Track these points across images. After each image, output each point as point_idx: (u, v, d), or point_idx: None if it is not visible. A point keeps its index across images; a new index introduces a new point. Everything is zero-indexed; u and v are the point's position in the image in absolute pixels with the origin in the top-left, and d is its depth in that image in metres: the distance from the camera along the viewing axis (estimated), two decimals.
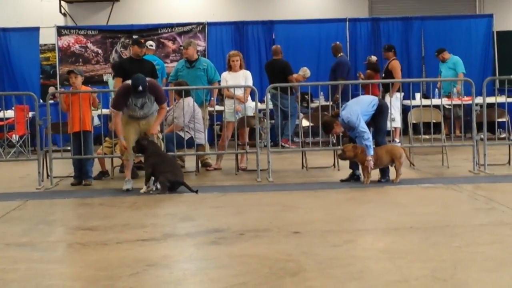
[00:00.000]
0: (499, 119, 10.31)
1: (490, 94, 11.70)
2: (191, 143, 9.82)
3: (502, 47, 15.78)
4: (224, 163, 10.58)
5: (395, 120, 12.14)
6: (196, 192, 8.17)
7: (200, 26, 15.63)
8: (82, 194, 8.56)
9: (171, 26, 15.71)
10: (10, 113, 12.45)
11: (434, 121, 10.57)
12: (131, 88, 8.28)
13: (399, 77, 12.91)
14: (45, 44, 16.13)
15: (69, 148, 9.62)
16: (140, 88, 8.23)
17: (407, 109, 11.39)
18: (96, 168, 9.75)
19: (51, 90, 13.21)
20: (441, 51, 14.31)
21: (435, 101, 11.72)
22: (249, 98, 10.64)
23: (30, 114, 12.41)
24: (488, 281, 4.44)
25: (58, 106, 10.93)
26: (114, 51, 15.69)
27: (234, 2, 17.46)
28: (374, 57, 14.71)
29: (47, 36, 15.75)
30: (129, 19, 16.53)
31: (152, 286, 4.61)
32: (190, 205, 7.58)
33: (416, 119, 10.47)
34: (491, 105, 10.62)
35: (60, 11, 17.07)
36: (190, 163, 10.64)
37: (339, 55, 13.59)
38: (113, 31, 15.82)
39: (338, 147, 9.51)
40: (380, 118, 8.74)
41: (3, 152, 12.40)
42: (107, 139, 9.86)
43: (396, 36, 15.57)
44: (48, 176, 9.42)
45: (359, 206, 7.36)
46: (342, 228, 6.20)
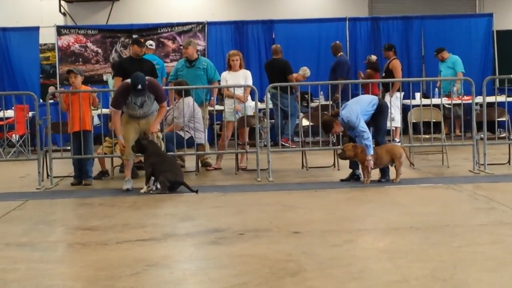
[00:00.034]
0: (499, 119, 10.31)
1: (490, 93, 11.70)
2: (191, 142, 9.82)
3: (502, 46, 15.76)
4: (224, 163, 10.57)
5: (395, 120, 12.14)
6: (196, 192, 8.17)
7: (200, 26, 15.62)
8: (82, 194, 8.56)
9: (171, 25, 15.69)
10: (10, 112, 12.46)
11: (434, 120, 10.57)
12: (131, 86, 8.28)
13: (400, 76, 12.89)
14: (45, 44, 16.12)
15: (69, 148, 9.62)
16: (139, 87, 8.22)
17: (407, 108, 11.38)
18: (96, 168, 9.74)
19: (51, 89, 13.19)
20: (440, 51, 14.29)
21: (435, 100, 11.72)
22: (249, 98, 10.63)
23: (30, 114, 12.40)
24: (488, 281, 4.45)
25: (58, 106, 10.93)
26: (114, 51, 15.67)
27: (234, 1, 17.46)
28: (374, 56, 14.71)
29: (47, 36, 15.74)
30: (129, 19, 16.53)
31: (152, 286, 4.61)
32: (190, 205, 7.58)
33: (416, 119, 10.46)
34: (491, 104, 10.63)
35: (60, 11, 17.07)
36: (190, 162, 10.64)
37: (339, 54, 13.58)
38: (113, 30, 15.81)
39: (338, 147, 9.51)
40: (380, 118, 8.73)
41: (3, 152, 12.39)
42: (107, 138, 9.86)
43: (396, 35, 15.55)
44: (48, 176, 9.42)
45: (359, 206, 7.36)
46: (342, 228, 6.20)
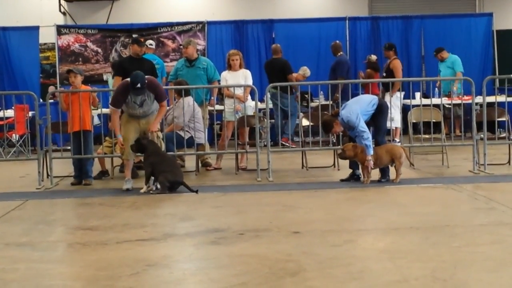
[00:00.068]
0: (499, 119, 10.30)
1: (490, 93, 11.70)
2: (191, 142, 9.82)
3: (502, 46, 15.76)
4: (224, 163, 10.57)
5: (395, 120, 12.12)
6: (196, 192, 8.17)
7: (200, 25, 15.62)
8: (82, 194, 8.56)
9: (171, 25, 15.69)
10: (10, 112, 12.46)
11: (434, 120, 10.57)
12: (130, 85, 8.30)
13: (400, 76, 12.87)
14: (45, 43, 16.12)
15: (69, 147, 9.61)
16: (138, 85, 8.23)
17: (407, 108, 11.38)
18: (96, 168, 9.74)
19: (51, 89, 13.19)
20: (439, 51, 14.27)
21: (435, 100, 11.71)
22: (249, 98, 10.63)
23: (30, 114, 12.40)
24: (488, 281, 4.45)
25: (58, 106, 10.92)
26: (114, 50, 15.67)
27: (233, 1, 17.45)
28: (374, 56, 14.70)
29: (47, 35, 15.74)
30: (128, 18, 16.52)
31: (152, 286, 4.61)
32: (190, 205, 7.58)
33: (416, 119, 10.46)
34: (491, 104, 10.62)
35: (59, 10, 17.06)
36: (190, 162, 10.64)
37: (338, 54, 13.57)
38: (112, 30, 15.80)
39: (338, 147, 9.51)
40: (380, 118, 8.73)
41: (3, 151, 12.38)
42: (107, 138, 9.85)
43: (396, 35, 15.54)
44: (48, 175, 9.42)
45: (359, 206, 7.36)
46: (342, 228, 6.20)
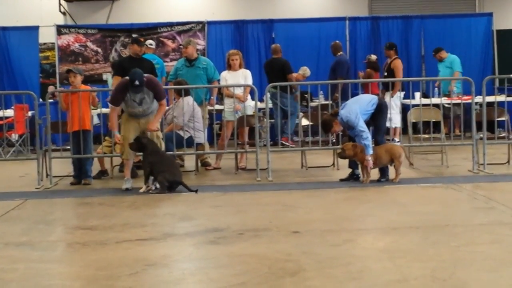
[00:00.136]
0: (499, 118, 10.30)
1: (490, 93, 11.71)
2: (190, 142, 9.82)
3: (502, 45, 15.77)
4: (223, 163, 10.57)
5: (394, 120, 12.11)
6: (195, 191, 8.17)
7: (200, 25, 15.62)
8: (82, 194, 8.56)
9: (171, 25, 15.69)
10: (9, 112, 12.45)
11: (433, 120, 10.57)
12: (129, 82, 8.31)
13: (400, 76, 12.87)
14: (44, 43, 16.12)
15: (68, 147, 9.62)
16: (136, 82, 8.24)
17: (406, 108, 11.38)
18: (95, 168, 9.74)
19: (51, 89, 13.20)
20: (438, 51, 14.26)
21: (435, 100, 11.71)
22: (248, 97, 10.63)
23: (30, 113, 12.39)
24: (488, 280, 4.44)
25: (57, 105, 10.92)
26: (113, 50, 15.67)
27: (233, 1, 17.43)
28: (373, 56, 14.70)
29: (47, 35, 15.74)
30: (128, 18, 16.51)
31: (151, 286, 4.61)
32: (190, 204, 7.58)
33: (416, 118, 10.45)
34: (490, 104, 10.62)
35: (59, 10, 17.04)
36: (190, 162, 10.63)
37: (338, 54, 13.57)
38: (112, 30, 15.80)
39: (338, 146, 9.50)
40: (379, 117, 8.73)
41: (2, 151, 12.37)
42: (107, 138, 9.84)
43: (395, 35, 15.54)
44: (47, 175, 9.41)
45: (358, 205, 7.35)
46: (342, 227, 6.19)
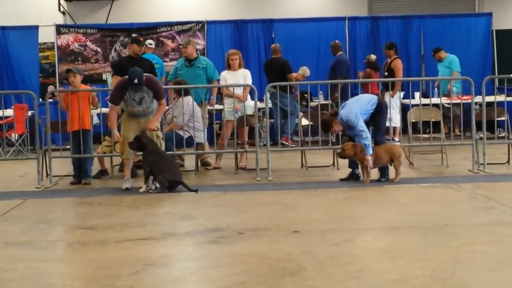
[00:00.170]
0: (499, 118, 10.30)
1: (490, 93, 11.71)
2: (190, 142, 9.82)
3: (502, 45, 15.77)
4: (223, 162, 10.57)
5: (393, 120, 12.11)
6: (195, 191, 8.17)
7: (200, 25, 15.62)
8: (82, 193, 8.56)
9: (170, 24, 15.69)
10: (9, 112, 12.44)
11: (433, 120, 10.57)
12: (128, 81, 8.32)
13: (401, 76, 12.87)
14: (44, 43, 16.12)
15: (68, 147, 9.61)
16: (135, 81, 8.25)
17: (406, 108, 11.38)
18: (95, 167, 9.74)
19: (50, 88, 13.19)
20: (437, 51, 14.25)
21: (435, 100, 11.71)
22: (248, 97, 10.63)
23: (29, 113, 12.39)
24: (488, 280, 4.45)
25: (57, 105, 10.91)
26: (113, 50, 15.67)
27: (233, 1, 17.44)
28: (373, 55, 14.70)
29: (46, 35, 15.74)
30: (128, 18, 16.51)
31: (151, 285, 4.61)
32: (190, 204, 7.58)
33: (416, 118, 10.46)
34: (490, 104, 10.62)
35: (59, 10, 17.05)
36: (190, 162, 10.63)
37: (338, 53, 13.56)
38: (112, 29, 15.80)
39: (338, 146, 9.50)
40: (379, 117, 8.73)
41: (2, 151, 12.36)
42: (107, 138, 9.84)
43: (395, 34, 15.54)
44: (47, 175, 9.41)
45: (358, 205, 7.35)
46: (342, 227, 6.20)
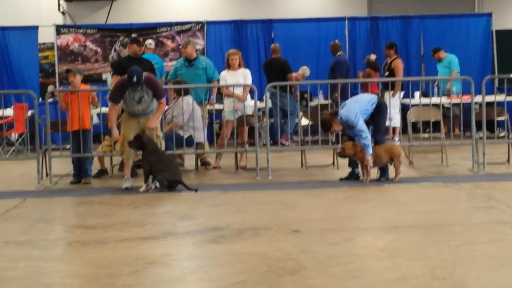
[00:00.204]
0: (498, 118, 10.31)
1: (489, 92, 11.71)
2: (190, 141, 9.82)
3: (501, 45, 15.78)
4: (223, 162, 10.57)
5: (393, 120, 12.12)
6: (195, 190, 8.17)
7: (199, 25, 15.62)
8: (82, 193, 8.56)
9: (170, 24, 15.70)
10: (9, 111, 12.45)
11: (433, 119, 10.57)
12: (127, 79, 8.33)
13: (401, 76, 12.86)
14: (44, 43, 16.12)
15: (68, 146, 9.62)
16: (134, 79, 8.25)
17: (406, 108, 11.38)
18: (95, 167, 9.74)
19: (50, 88, 13.20)
20: (436, 51, 14.24)
21: (435, 100, 11.71)
22: (248, 97, 10.63)
23: (29, 113, 12.40)
24: (488, 279, 4.45)
25: (57, 105, 10.92)
26: (113, 50, 15.67)
27: (233, 1, 17.44)
28: (373, 55, 14.71)
29: (46, 35, 15.74)
30: (128, 18, 16.51)
31: (151, 284, 4.61)
32: (190, 203, 7.59)
33: (416, 118, 10.46)
34: (490, 103, 10.62)
35: (59, 10, 17.05)
36: (190, 161, 10.63)
37: (338, 53, 13.57)
38: (112, 29, 15.81)
39: (337, 146, 9.50)
40: (379, 117, 8.73)
41: (2, 150, 12.38)
42: (107, 137, 9.84)
43: (395, 34, 15.54)
44: (47, 174, 9.41)
45: (358, 204, 7.36)
46: (342, 226, 6.20)
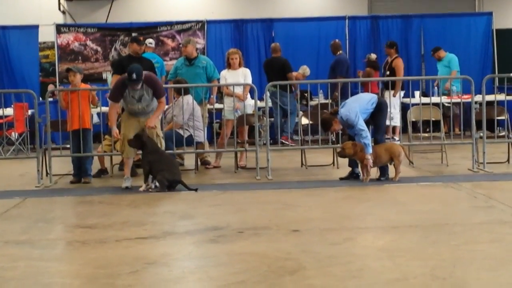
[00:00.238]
0: (499, 117, 10.32)
1: (490, 92, 11.69)
2: (190, 141, 9.82)
3: (502, 45, 15.77)
4: (223, 161, 10.57)
5: (394, 119, 12.12)
6: (195, 190, 8.17)
7: (200, 24, 15.62)
8: (81, 192, 8.56)
9: (170, 24, 15.70)
10: (9, 111, 12.43)
11: (433, 119, 10.57)
12: (127, 77, 8.33)
13: (402, 75, 12.86)
14: (44, 42, 16.13)
15: (68, 146, 9.61)
16: (133, 76, 8.24)
17: (406, 107, 11.38)
18: (95, 166, 9.74)
19: (50, 87, 13.18)
20: (436, 50, 14.25)
21: (435, 99, 11.71)
22: (248, 96, 10.63)
23: (29, 112, 12.39)
24: (487, 279, 4.45)
25: (57, 104, 10.91)
26: (113, 49, 15.67)
27: (233, 0, 17.44)
28: (373, 55, 14.71)
29: (46, 34, 15.75)
30: (128, 17, 16.52)
31: (151, 284, 4.61)
32: (189, 203, 7.58)
33: (416, 117, 10.46)
34: (490, 103, 10.62)
35: (59, 9, 17.06)
36: (189, 161, 10.63)
37: (338, 53, 13.56)
38: (112, 29, 15.81)
39: (337, 145, 9.51)
40: (379, 116, 8.73)
41: (2, 150, 12.36)
42: (107, 137, 9.84)
43: (395, 34, 15.55)
44: (47, 174, 9.41)
45: (358, 204, 7.36)
46: (342, 226, 6.20)
